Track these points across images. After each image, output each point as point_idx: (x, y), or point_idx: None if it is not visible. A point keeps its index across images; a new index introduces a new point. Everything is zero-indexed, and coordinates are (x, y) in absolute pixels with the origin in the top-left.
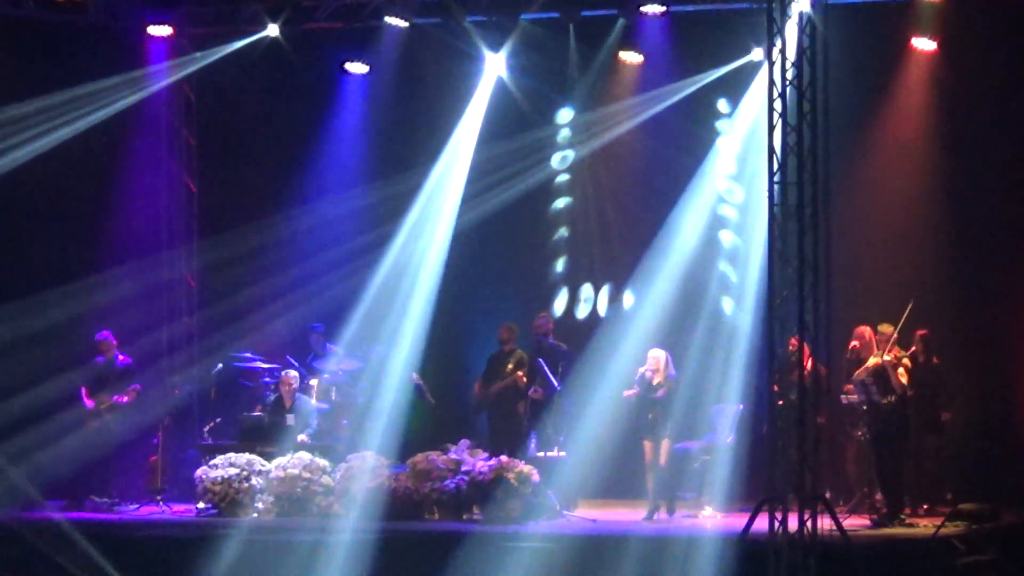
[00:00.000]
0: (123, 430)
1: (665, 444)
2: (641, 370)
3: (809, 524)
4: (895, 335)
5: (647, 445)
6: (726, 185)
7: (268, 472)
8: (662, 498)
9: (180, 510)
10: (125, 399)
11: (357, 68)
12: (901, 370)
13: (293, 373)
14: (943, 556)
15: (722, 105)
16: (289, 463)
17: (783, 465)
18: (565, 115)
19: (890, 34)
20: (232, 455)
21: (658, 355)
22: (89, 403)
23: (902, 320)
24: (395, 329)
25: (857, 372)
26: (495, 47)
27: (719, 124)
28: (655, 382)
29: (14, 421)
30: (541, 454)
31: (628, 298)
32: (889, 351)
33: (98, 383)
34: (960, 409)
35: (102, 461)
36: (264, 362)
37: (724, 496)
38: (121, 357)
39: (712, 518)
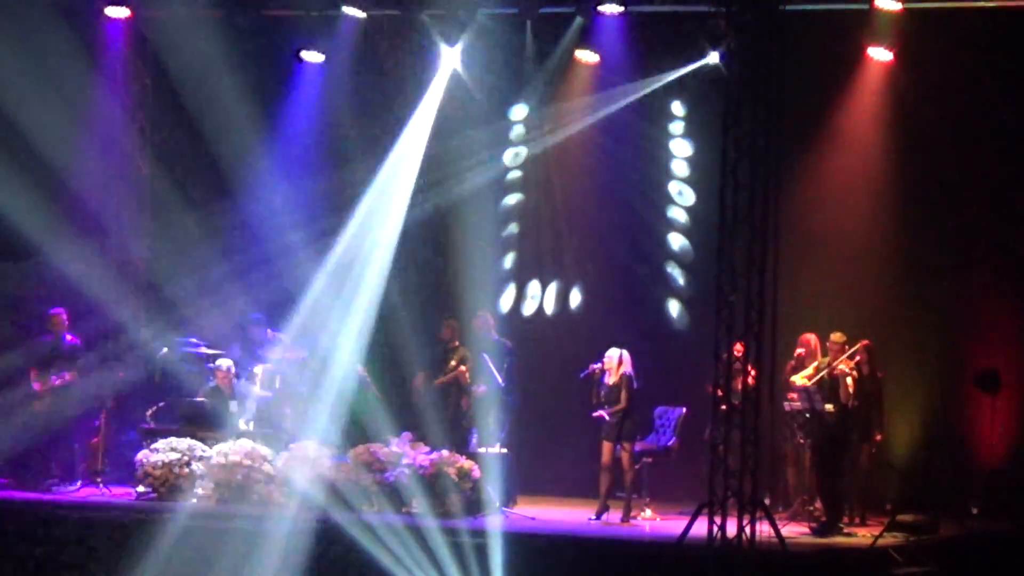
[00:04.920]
0: (69, 411)
1: (626, 447)
2: (594, 367)
3: (748, 530)
4: (847, 345)
5: (606, 446)
6: (677, 188)
7: (209, 458)
8: (617, 501)
9: (120, 493)
10: (58, 382)
11: (313, 57)
12: (850, 380)
13: (226, 362)
14: (881, 566)
15: (676, 107)
16: (230, 450)
17: (723, 470)
18: (519, 112)
19: (846, 42)
20: (174, 440)
21: (612, 354)
22: (36, 385)
23: (855, 348)
24: (342, 320)
25: (797, 382)
26: (451, 41)
27: (672, 126)
28: (610, 382)
29: None
30: (482, 450)
31: (575, 296)
32: (842, 360)
33: (45, 362)
34: (902, 420)
35: (43, 441)
36: (209, 347)
37: (664, 499)
38: (69, 337)
39: (651, 521)
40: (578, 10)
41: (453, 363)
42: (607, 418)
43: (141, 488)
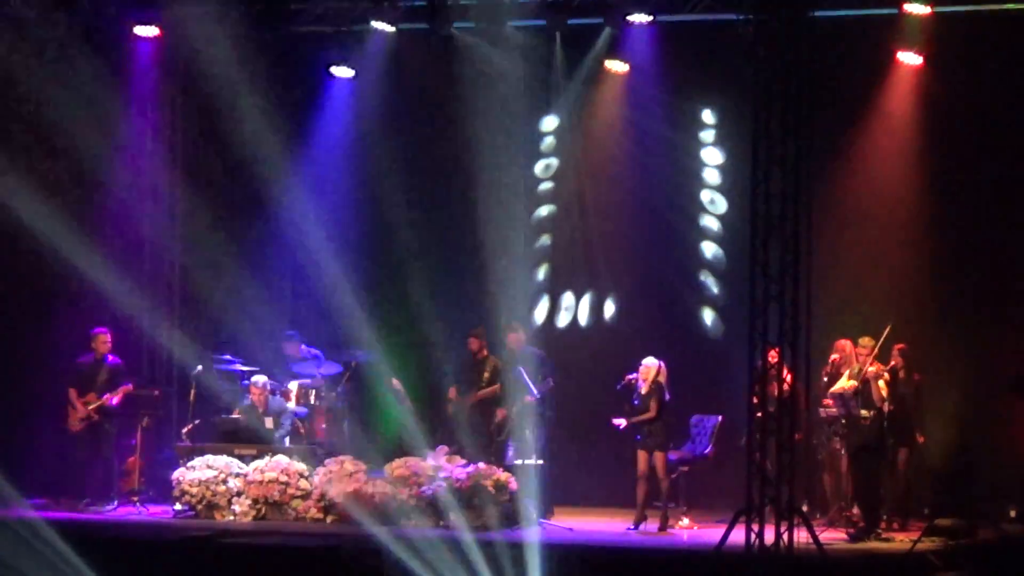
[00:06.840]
0: (113, 431)
1: (659, 456)
2: (630, 378)
3: (785, 537)
4: (876, 349)
5: (641, 455)
6: (709, 196)
7: (246, 475)
8: (655, 511)
9: (157, 511)
10: (115, 400)
11: (343, 72)
12: (882, 383)
13: (261, 379)
14: (919, 571)
15: (707, 116)
16: (267, 466)
17: (760, 477)
18: (550, 123)
19: (876, 47)
20: (210, 457)
21: (650, 364)
22: (80, 405)
23: (882, 337)
24: (375, 334)
25: (833, 388)
26: (481, 53)
27: (703, 134)
28: (644, 391)
29: None
30: (519, 462)
31: (609, 307)
32: (871, 364)
33: (87, 383)
34: (938, 425)
35: (80, 461)
36: (244, 364)
37: (701, 507)
38: (111, 357)
39: (689, 529)
40: (607, 20)
41: (487, 375)
42: (622, 427)
43: (178, 506)
